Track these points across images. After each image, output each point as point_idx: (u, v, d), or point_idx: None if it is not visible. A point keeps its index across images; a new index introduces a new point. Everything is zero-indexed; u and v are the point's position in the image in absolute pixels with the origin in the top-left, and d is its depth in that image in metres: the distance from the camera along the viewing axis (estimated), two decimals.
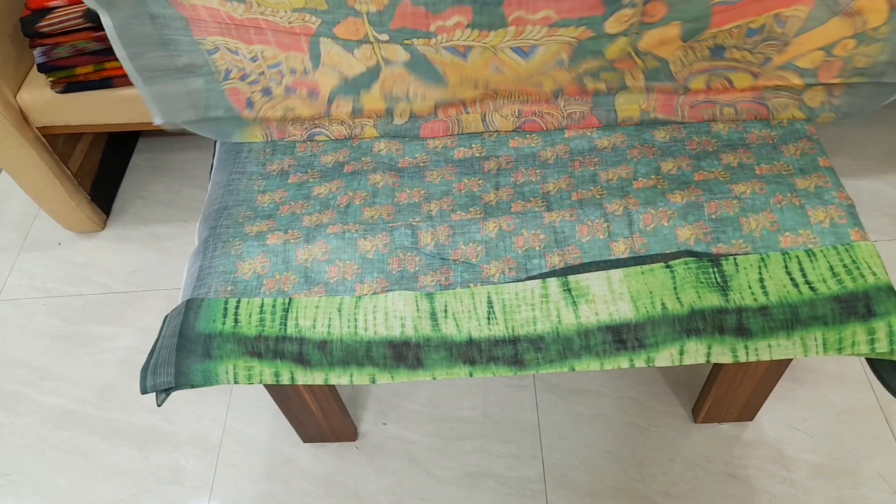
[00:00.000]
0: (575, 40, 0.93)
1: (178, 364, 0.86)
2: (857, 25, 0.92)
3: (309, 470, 1.21)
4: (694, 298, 0.83)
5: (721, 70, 1.01)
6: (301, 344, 0.85)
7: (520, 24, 0.86)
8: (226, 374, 0.87)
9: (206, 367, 0.87)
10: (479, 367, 0.83)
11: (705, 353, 0.82)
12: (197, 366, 0.87)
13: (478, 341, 0.83)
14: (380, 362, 0.84)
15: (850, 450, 1.15)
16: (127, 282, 1.53)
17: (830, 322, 0.81)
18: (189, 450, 1.26)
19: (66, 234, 1.63)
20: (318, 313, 0.86)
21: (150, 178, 1.73)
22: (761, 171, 0.96)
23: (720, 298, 0.83)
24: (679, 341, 0.82)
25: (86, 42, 1.27)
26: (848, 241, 0.87)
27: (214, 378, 0.87)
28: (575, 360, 0.83)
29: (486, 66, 0.92)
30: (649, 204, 0.94)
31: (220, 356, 0.86)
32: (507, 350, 0.83)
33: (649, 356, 0.82)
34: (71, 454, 1.28)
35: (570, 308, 0.85)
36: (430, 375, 0.84)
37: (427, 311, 0.85)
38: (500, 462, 1.19)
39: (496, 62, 0.92)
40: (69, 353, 1.42)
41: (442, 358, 0.84)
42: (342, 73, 1.02)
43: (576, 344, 0.83)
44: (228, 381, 0.87)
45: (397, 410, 1.27)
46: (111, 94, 1.34)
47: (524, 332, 0.84)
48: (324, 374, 0.85)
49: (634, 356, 0.82)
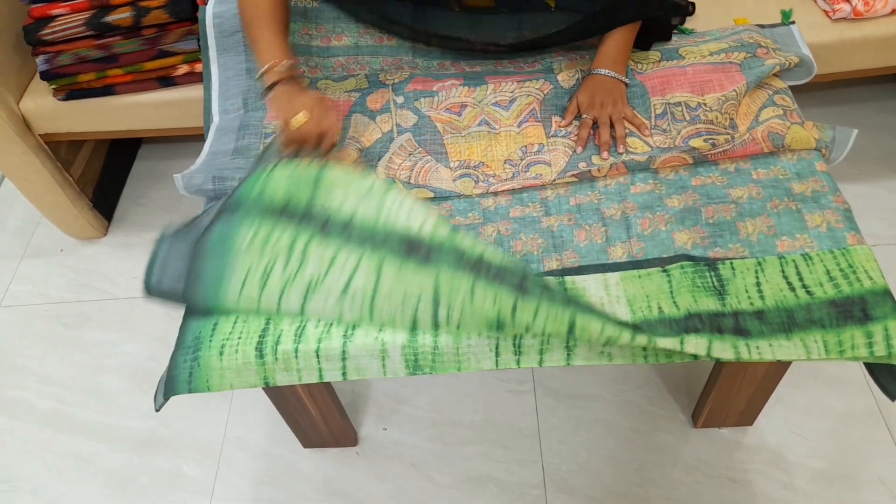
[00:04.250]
0: (540, 93, 1.11)
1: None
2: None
3: (310, 475, 1.21)
4: (690, 302, 0.83)
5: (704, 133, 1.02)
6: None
7: (496, 82, 1.13)
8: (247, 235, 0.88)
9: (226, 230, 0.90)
10: (482, 281, 0.81)
11: (706, 346, 0.81)
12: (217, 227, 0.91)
13: (488, 263, 0.83)
14: (393, 248, 0.85)
15: (850, 454, 1.15)
16: (128, 288, 1.54)
17: (828, 325, 0.81)
18: (189, 455, 1.26)
19: (68, 240, 1.64)
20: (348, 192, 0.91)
21: (151, 185, 1.74)
22: (758, 176, 0.97)
23: (717, 302, 0.84)
24: (679, 336, 0.82)
25: (88, 50, 1.28)
26: (845, 246, 0.87)
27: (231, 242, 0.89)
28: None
29: (476, 119, 1.09)
30: (647, 209, 0.95)
31: (242, 221, 0.90)
32: (514, 279, 0.82)
33: (650, 337, 0.80)
34: (71, 459, 1.28)
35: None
36: (434, 274, 0.83)
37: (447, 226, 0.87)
38: (501, 467, 1.19)
39: (483, 115, 1.09)
40: (70, 359, 1.43)
41: (451, 261, 0.83)
42: (361, 142, 1.09)
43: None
44: (248, 243, 0.88)
45: (398, 415, 1.27)
46: (113, 102, 1.35)
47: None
48: (335, 248, 0.86)
49: (635, 336, 0.80)
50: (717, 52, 1.11)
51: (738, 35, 1.16)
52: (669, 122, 1.05)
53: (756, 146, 0.99)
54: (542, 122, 1.08)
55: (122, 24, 1.26)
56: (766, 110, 1.04)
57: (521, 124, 1.09)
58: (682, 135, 1.02)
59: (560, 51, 1.21)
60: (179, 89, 1.35)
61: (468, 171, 1.04)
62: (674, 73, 1.10)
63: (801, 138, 0.98)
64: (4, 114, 1.31)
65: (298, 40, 1.22)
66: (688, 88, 1.07)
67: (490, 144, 1.07)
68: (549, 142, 1.06)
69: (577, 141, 1.05)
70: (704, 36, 1.20)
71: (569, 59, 1.18)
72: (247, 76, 1.20)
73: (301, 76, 1.05)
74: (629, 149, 1.03)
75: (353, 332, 0.85)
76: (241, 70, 1.21)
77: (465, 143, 1.07)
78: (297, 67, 1.04)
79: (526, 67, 1.19)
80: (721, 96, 1.04)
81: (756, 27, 1.21)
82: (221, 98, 1.19)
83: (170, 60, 1.31)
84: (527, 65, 1.20)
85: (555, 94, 1.11)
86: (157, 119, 1.39)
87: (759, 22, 1.25)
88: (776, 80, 1.10)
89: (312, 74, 1.21)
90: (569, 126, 1.07)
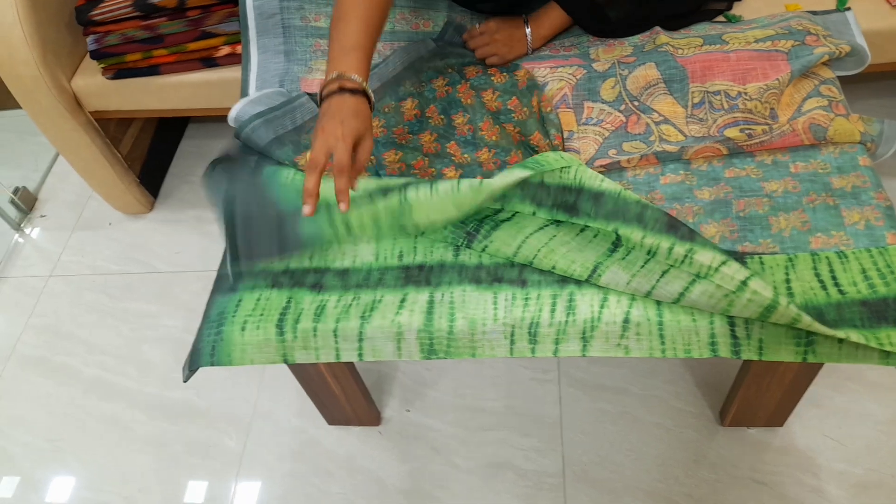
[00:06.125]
0: (573, 78, 1.10)
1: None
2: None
3: (333, 451, 1.24)
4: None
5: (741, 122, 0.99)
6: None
7: (529, 66, 1.16)
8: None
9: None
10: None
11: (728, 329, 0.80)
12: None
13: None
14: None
15: (887, 463, 1.11)
16: (171, 262, 1.59)
17: (860, 326, 0.78)
18: (221, 426, 1.31)
19: (116, 214, 1.70)
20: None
21: (197, 163, 1.79)
22: (796, 169, 0.93)
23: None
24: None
25: (134, 30, 1.32)
26: (883, 244, 0.83)
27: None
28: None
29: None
30: (675, 200, 0.93)
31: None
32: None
33: (691, 246, 0.78)
34: (111, 425, 1.34)
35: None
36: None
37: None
38: (521, 454, 1.19)
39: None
40: (114, 329, 1.49)
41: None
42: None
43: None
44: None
45: (422, 398, 1.28)
46: (158, 81, 1.39)
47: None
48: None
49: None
50: (764, 39, 1.07)
51: (787, 22, 1.11)
52: (707, 112, 1.01)
53: (796, 138, 0.95)
54: (573, 109, 1.07)
55: (166, 6, 1.29)
56: (811, 101, 1.00)
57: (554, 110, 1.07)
58: (718, 124, 0.98)
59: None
60: (221, 70, 1.38)
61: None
62: (716, 58, 1.06)
63: (844, 131, 0.94)
64: (56, 91, 1.37)
65: (325, 24, 1.23)
66: (729, 76, 1.04)
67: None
68: (579, 129, 1.04)
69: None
70: (752, 23, 1.16)
71: (606, 45, 1.16)
72: (284, 58, 1.22)
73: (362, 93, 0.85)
74: (663, 136, 1.00)
75: (371, 314, 0.86)
76: (280, 51, 1.23)
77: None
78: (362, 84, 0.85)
79: (562, 51, 1.17)
80: (763, 86, 1.00)
81: (808, 13, 1.15)
82: (259, 80, 1.21)
83: (212, 42, 1.34)
84: (563, 48, 1.18)
85: (588, 79, 1.08)
86: (200, 99, 1.42)
87: (812, 8, 1.20)
88: (824, 69, 1.05)
89: None
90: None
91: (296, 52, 1.22)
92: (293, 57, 1.22)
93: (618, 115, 1.04)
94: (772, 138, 0.95)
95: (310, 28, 1.23)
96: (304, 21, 1.23)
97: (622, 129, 1.03)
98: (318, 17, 1.23)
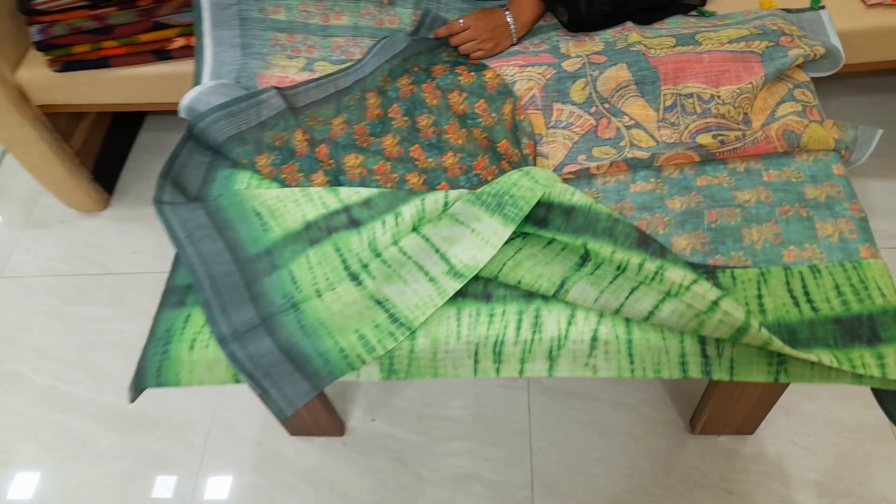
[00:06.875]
0: (542, 78, 1.06)
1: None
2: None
3: (294, 464, 1.20)
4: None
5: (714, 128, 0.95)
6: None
7: (497, 66, 1.12)
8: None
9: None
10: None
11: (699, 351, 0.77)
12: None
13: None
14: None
15: (855, 470, 1.10)
16: (127, 262, 1.52)
17: (833, 345, 0.76)
18: (178, 437, 1.25)
19: (69, 212, 1.62)
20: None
21: (155, 157, 1.72)
22: (769, 178, 0.90)
23: None
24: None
25: (82, 20, 1.25)
26: (857, 259, 0.81)
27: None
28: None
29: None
30: (645, 209, 0.89)
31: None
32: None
33: (662, 263, 0.76)
34: (63, 437, 1.28)
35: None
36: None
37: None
38: (488, 465, 1.16)
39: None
40: (66, 334, 1.42)
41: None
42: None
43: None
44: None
45: (386, 407, 1.24)
46: (108, 74, 1.32)
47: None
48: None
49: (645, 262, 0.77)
50: (738, 40, 1.04)
51: (762, 20, 1.08)
52: (679, 116, 0.98)
53: (769, 145, 0.92)
54: (542, 111, 1.03)
55: None
56: (785, 105, 0.97)
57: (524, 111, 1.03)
58: (691, 129, 0.95)
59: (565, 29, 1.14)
60: (176, 63, 1.31)
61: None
62: (689, 59, 1.02)
63: (819, 138, 0.91)
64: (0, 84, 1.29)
65: (296, 17, 1.17)
66: (702, 78, 1.00)
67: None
68: (548, 133, 1.00)
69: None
70: (725, 20, 1.13)
71: (576, 40, 1.12)
72: (241, 51, 1.16)
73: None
74: (634, 141, 0.97)
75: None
76: (236, 44, 1.17)
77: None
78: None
79: (531, 47, 1.13)
80: (736, 88, 0.96)
81: (782, 11, 1.12)
82: (213, 75, 1.15)
83: (166, 33, 1.27)
84: (532, 45, 1.14)
85: (557, 79, 1.04)
86: (154, 93, 1.35)
87: (786, 5, 1.17)
88: (799, 71, 1.02)
89: (309, 54, 1.16)
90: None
91: (253, 45, 1.16)
92: (250, 51, 1.15)
93: (588, 118, 1.01)
94: (745, 145, 0.92)
95: (269, 21, 1.17)
96: (262, 13, 1.17)
97: (592, 134, 0.99)
98: (277, 10, 1.17)
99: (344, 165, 0.98)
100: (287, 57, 1.14)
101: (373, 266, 0.83)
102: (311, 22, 1.18)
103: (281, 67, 1.14)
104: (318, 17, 1.19)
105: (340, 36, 1.18)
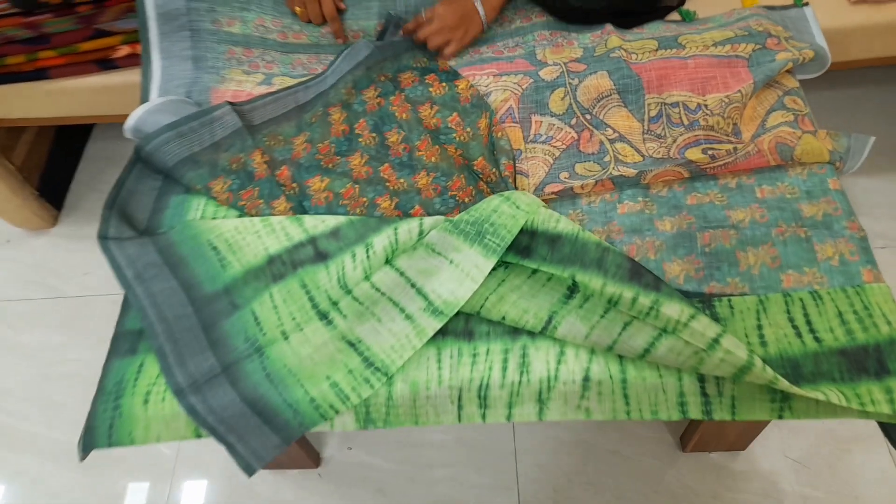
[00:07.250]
0: (519, 88, 0.99)
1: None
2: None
3: (268, 499, 1.13)
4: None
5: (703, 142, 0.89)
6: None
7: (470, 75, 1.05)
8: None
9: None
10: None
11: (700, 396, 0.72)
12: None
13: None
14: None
15: (850, 484, 1.07)
16: (79, 284, 1.43)
17: (839, 379, 0.71)
18: (141, 474, 1.17)
19: (13, 231, 1.51)
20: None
21: (105, 168, 1.61)
22: (763, 194, 0.85)
23: None
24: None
25: (15, 29, 1.14)
26: (859, 283, 0.76)
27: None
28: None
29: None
30: (635, 232, 0.84)
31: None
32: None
33: (656, 297, 0.70)
34: (15, 477, 1.19)
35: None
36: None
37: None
38: (473, 493, 1.11)
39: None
40: (15, 366, 1.32)
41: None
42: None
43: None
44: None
45: (364, 434, 1.18)
46: (48, 86, 1.21)
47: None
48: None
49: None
50: (722, 43, 0.98)
51: (746, 21, 1.03)
52: (665, 127, 0.92)
53: (762, 159, 0.87)
54: (520, 124, 0.96)
55: (50, 1, 1.11)
56: (775, 114, 0.92)
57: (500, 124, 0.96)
58: (679, 143, 0.90)
59: (544, 32, 1.07)
60: (122, 73, 1.20)
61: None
62: (673, 65, 0.97)
63: (813, 150, 0.86)
64: None
65: (252, 31, 1.09)
66: (687, 85, 0.95)
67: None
68: (527, 148, 0.94)
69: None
70: (707, 22, 1.07)
71: (553, 45, 1.05)
72: (192, 65, 1.07)
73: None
74: (618, 156, 0.91)
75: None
76: (187, 57, 1.07)
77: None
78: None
79: (506, 52, 1.06)
80: (724, 97, 0.91)
81: (765, 10, 1.07)
82: (162, 90, 1.06)
83: (108, 41, 1.17)
84: (507, 49, 1.07)
85: (535, 89, 0.98)
86: (100, 105, 1.24)
87: (769, 3, 1.11)
88: (788, 77, 0.97)
89: (268, 70, 1.08)
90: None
91: (206, 58, 1.07)
92: (203, 64, 1.06)
93: (569, 130, 0.94)
94: (736, 160, 0.87)
95: (222, 33, 1.08)
96: (215, 25, 1.08)
97: (574, 148, 0.93)
98: (231, 22, 1.08)
99: (308, 189, 0.90)
100: (244, 72, 1.06)
101: (343, 304, 0.76)
102: (269, 37, 1.10)
103: (237, 82, 1.05)
104: (276, 34, 1.10)
105: (303, 53, 1.09)
